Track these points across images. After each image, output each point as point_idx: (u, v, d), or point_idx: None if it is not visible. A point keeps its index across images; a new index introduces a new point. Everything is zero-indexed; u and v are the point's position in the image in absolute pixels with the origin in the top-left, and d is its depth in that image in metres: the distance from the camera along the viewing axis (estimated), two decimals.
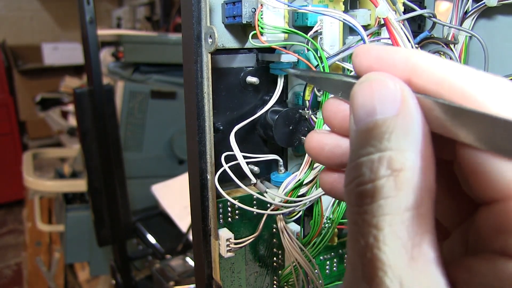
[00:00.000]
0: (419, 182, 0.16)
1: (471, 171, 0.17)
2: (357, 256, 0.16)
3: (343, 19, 0.32)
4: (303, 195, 0.35)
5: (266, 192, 0.35)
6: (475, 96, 0.16)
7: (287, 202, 0.35)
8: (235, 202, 0.33)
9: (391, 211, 0.15)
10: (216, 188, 0.33)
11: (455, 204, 0.21)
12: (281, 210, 0.35)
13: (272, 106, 0.36)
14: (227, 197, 0.33)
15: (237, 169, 0.33)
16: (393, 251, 0.15)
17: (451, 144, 0.18)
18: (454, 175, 0.19)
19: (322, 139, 0.23)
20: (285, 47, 0.34)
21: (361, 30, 0.32)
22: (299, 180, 0.35)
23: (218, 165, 0.33)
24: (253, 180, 0.34)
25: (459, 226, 0.20)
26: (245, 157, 0.35)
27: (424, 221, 0.16)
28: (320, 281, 0.38)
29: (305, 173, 0.35)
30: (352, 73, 0.34)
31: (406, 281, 0.15)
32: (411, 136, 0.16)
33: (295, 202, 0.35)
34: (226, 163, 0.33)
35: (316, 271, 0.37)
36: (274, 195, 0.35)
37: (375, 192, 0.16)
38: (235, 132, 0.34)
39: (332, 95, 0.23)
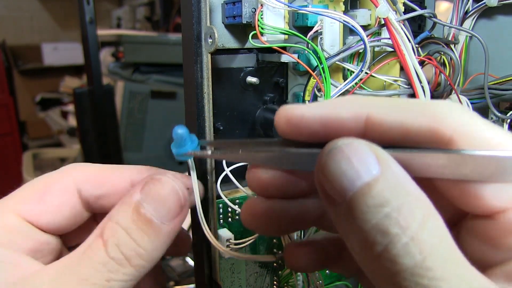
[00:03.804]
0: (439, 220, 0.17)
1: (459, 193, 0.19)
2: None
3: (343, 21, 0.32)
4: None
5: None
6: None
7: None
8: (234, 207, 0.33)
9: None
10: (217, 190, 0.33)
11: None
12: None
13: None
14: (227, 201, 0.33)
15: (237, 170, 0.33)
16: None
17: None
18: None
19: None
20: (285, 48, 0.34)
21: (361, 31, 0.32)
22: None
23: (218, 165, 0.33)
24: None
25: None
26: None
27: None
28: (320, 281, 0.38)
29: None
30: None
31: None
32: (408, 185, 0.17)
33: None
34: (228, 167, 0.33)
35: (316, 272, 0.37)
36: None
37: (411, 246, 0.16)
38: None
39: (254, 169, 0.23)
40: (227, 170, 0.33)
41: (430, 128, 0.18)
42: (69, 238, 0.28)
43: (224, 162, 0.33)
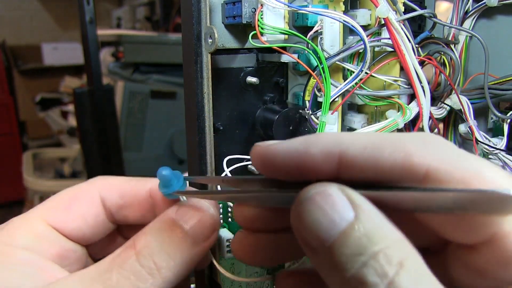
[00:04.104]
0: (417, 261, 0.16)
1: (441, 225, 0.19)
2: None
3: (343, 21, 0.32)
4: None
5: None
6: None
7: None
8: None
9: None
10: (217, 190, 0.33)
11: None
12: None
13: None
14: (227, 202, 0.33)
15: (237, 170, 0.33)
16: None
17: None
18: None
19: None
20: (285, 48, 0.34)
21: (361, 31, 0.32)
22: None
23: (218, 166, 0.33)
24: None
25: None
26: (245, 159, 0.35)
27: None
28: None
29: None
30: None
31: None
32: (384, 228, 0.17)
33: None
34: (228, 167, 0.33)
35: None
36: None
37: None
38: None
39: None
40: (227, 171, 0.33)
41: (403, 165, 0.18)
42: (95, 251, 0.29)
43: (224, 162, 0.33)
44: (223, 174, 0.33)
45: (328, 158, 0.19)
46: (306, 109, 0.35)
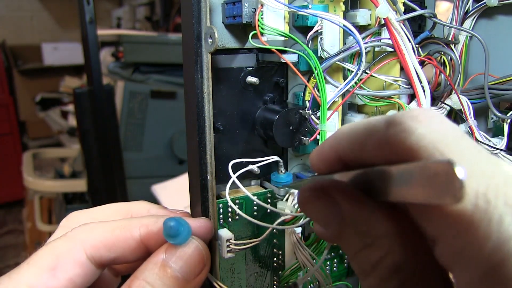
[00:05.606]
0: None
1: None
2: None
3: (338, 23, 0.32)
4: None
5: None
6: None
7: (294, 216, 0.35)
8: (235, 207, 0.33)
9: None
10: (219, 193, 0.33)
11: None
12: (289, 223, 0.35)
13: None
14: (229, 200, 0.33)
15: (237, 170, 0.33)
16: None
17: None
18: None
19: None
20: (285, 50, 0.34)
21: (356, 34, 0.32)
22: None
23: (218, 165, 0.33)
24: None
25: None
26: (249, 163, 0.35)
27: None
28: (327, 285, 0.38)
29: None
30: None
31: None
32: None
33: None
34: (233, 171, 0.33)
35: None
36: (284, 207, 0.35)
37: None
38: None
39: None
40: (233, 177, 0.32)
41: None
42: None
43: (229, 167, 0.33)
44: (230, 181, 0.32)
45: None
46: (306, 109, 0.35)
